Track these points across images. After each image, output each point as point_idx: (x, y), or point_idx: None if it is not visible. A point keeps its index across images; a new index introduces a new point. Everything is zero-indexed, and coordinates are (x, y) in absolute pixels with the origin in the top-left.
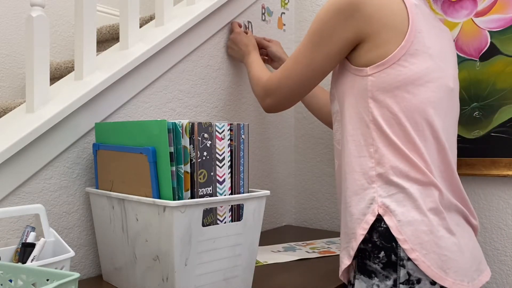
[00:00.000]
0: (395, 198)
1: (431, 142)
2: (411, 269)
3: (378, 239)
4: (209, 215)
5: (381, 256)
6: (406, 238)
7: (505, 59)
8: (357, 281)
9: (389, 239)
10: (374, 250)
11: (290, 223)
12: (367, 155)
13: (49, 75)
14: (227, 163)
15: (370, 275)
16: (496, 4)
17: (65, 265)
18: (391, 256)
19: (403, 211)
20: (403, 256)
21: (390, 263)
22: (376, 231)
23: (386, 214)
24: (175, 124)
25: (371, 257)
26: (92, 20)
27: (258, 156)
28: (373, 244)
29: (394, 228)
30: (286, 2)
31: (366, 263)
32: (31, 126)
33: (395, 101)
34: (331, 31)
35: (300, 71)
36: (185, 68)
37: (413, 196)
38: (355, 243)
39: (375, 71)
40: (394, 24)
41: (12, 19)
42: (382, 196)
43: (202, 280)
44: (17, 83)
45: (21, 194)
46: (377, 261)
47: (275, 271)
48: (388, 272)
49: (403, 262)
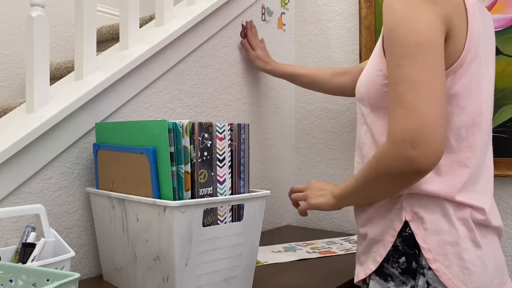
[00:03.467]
0: (424, 204)
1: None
2: (430, 279)
3: (401, 244)
4: (210, 215)
5: (401, 261)
6: (430, 248)
7: (505, 59)
8: (372, 281)
9: (412, 246)
10: (395, 254)
11: (290, 223)
12: None
13: (49, 75)
14: (228, 163)
15: (386, 278)
16: (496, 4)
17: (65, 265)
18: (411, 263)
19: (432, 219)
20: (424, 264)
21: (409, 269)
22: (400, 236)
23: (413, 220)
24: (176, 124)
25: (389, 261)
26: (92, 20)
27: (258, 156)
28: (394, 248)
29: (420, 236)
30: (286, 2)
31: (383, 266)
32: (31, 126)
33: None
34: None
35: (433, 83)
36: (185, 68)
37: (442, 203)
38: (384, 250)
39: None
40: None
41: (12, 19)
42: (410, 202)
43: (202, 280)
44: (17, 83)
45: (21, 194)
46: (396, 265)
47: (275, 271)
48: (406, 278)
49: (423, 271)
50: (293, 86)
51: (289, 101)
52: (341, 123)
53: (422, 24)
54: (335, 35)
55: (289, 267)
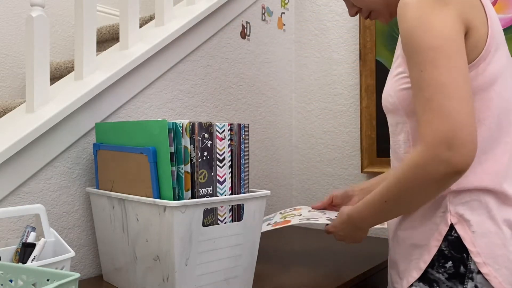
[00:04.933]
0: (469, 205)
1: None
2: (479, 283)
3: (447, 248)
4: (210, 215)
5: (448, 266)
6: (479, 251)
7: None
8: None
9: (459, 250)
10: (440, 259)
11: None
12: None
13: (49, 75)
14: (228, 163)
15: (432, 284)
16: (496, 4)
17: (65, 265)
18: (459, 267)
19: (478, 221)
20: (473, 268)
21: (457, 274)
22: (445, 240)
23: (459, 223)
24: (176, 124)
25: (435, 266)
26: (92, 20)
27: (258, 156)
28: (439, 252)
29: (468, 239)
30: (286, 2)
31: (428, 271)
32: (31, 126)
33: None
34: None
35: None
36: (185, 68)
37: (488, 205)
38: (428, 256)
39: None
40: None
41: (12, 19)
42: (454, 204)
43: (202, 280)
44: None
45: (21, 194)
46: (442, 270)
47: (275, 271)
48: (453, 283)
49: (472, 275)
50: (293, 86)
51: (289, 101)
52: (341, 123)
53: (436, 26)
54: (335, 35)
55: (289, 267)
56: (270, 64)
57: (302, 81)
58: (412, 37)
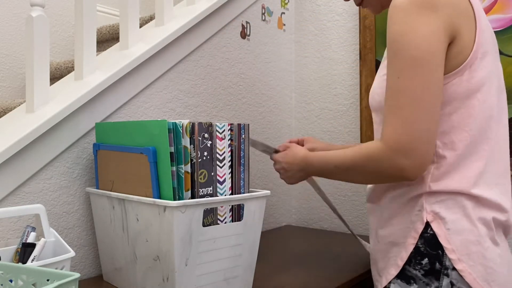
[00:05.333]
0: (444, 204)
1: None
2: (455, 279)
3: (423, 245)
4: (210, 215)
5: (424, 262)
6: (454, 248)
7: (505, 59)
8: (393, 285)
9: (435, 247)
10: (417, 256)
11: (290, 223)
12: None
13: (49, 75)
14: (228, 163)
15: (409, 280)
16: (496, 4)
17: (65, 265)
18: (435, 264)
19: (453, 219)
20: (448, 265)
21: (433, 270)
22: (421, 237)
23: (434, 221)
24: (176, 124)
25: (412, 263)
26: (92, 20)
27: (258, 156)
28: (416, 249)
29: (443, 237)
30: (286, 2)
31: (405, 268)
32: (31, 126)
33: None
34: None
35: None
36: (185, 68)
37: (463, 204)
38: (405, 253)
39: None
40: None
41: (12, 19)
42: (430, 203)
43: (202, 280)
44: (17, 83)
45: (21, 194)
46: (418, 267)
47: (275, 271)
48: (429, 280)
49: (447, 271)
50: (293, 86)
51: (289, 101)
52: (341, 123)
53: (420, 36)
54: (335, 35)
55: (288, 267)
56: (270, 64)
57: (302, 81)
58: (395, 42)
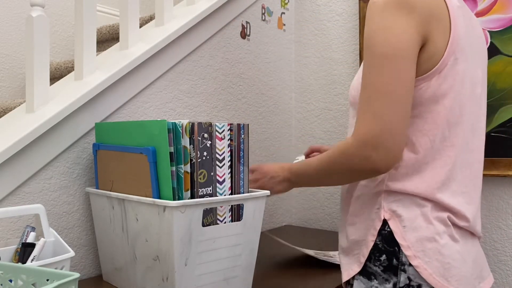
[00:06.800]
0: (402, 203)
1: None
2: (412, 275)
3: (381, 242)
4: (209, 215)
5: (382, 259)
6: (409, 245)
7: (505, 59)
8: (356, 281)
9: (391, 243)
10: (376, 253)
11: (290, 223)
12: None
13: (49, 75)
14: (227, 163)
15: (370, 277)
16: (496, 4)
17: (65, 265)
18: (392, 260)
19: (410, 217)
20: (404, 261)
21: (391, 266)
22: (379, 234)
23: (391, 219)
24: (175, 124)
25: (371, 259)
26: (92, 20)
27: (258, 156)
28: (375, 246)
29: (398, 234)
30: (286, 2)
31: (366, 265)
32: (31, 126)
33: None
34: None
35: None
36: (185, 68)
37: (420, 202)
38: (366, 250)
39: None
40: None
41: (12, 19)
42: (388, 201)
43: (202, 280)
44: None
45: (21, 194)
46: (377, 263)
47: (275, 271)
48: (388, 275)
49: (404, 267)
50: (293, 86)
51: (289, 101)
52: (341, 123)
53: (394, 35)
54: (335, 35)
55: (288, 267)
56: (270, 64)
57: (302, 81)
58: (370, 39)
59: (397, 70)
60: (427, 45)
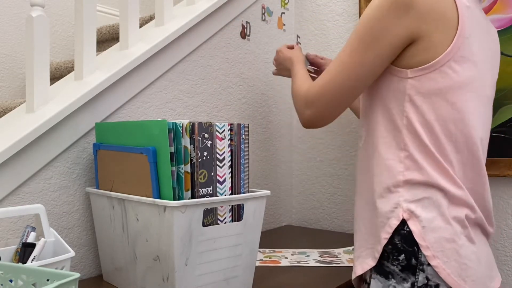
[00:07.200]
0: (421, 203)
1: (465, 154)
2: (430, 275)
3: (400, 242)
4: (210, 215)
5: (401, 258)
6: (428, 245)
7: (505, 59)
8: (373, 280)
9: (411, 243)
10: (394, 252)
11: (290, 223)
12: (397, 159)
13: (49, 75)
14: (228, 163)
15: (387, 276)
16: (496, 4)
17: (65, 265)
18: (411, 260)
19: (428, 218)
20: (423, 261)
21: (409, 266)
22: (398, 234)
23: (410, 219)
24: (176, 124)
25: (389, 259)
26: (92, 20)
27: (258, 156)
28: (393, 246)
29: (418, 234)
30: (286, 2)
31: (384, 264)
32: (31, 126)
33: (432, 107)
34: (384, 29)
35: (347, 75)
36: (185, 68)
37: (439, 203)
38: (380, 246)
39: (416, 75)
40: (445, 27)
41: (12, 19)
42: (407, 201)
43: (202, 280)
44: (17, 83)
45: (21, 194)
46: (396, 263)
47: (275, 271)
48: (406, 275)
49: (423, 267)
50: None
51: (289, 101)
52: (341, 123)
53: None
54: (335, 35)
55: (289, 267)
56: (270, 64)
57: None
58: (361, 21)
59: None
60: (420, 41)
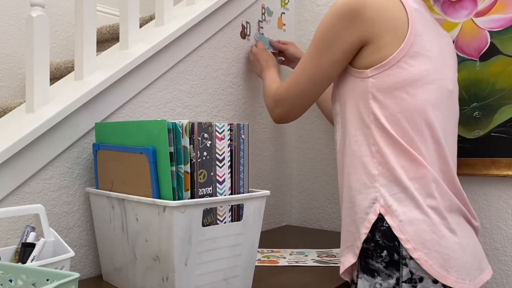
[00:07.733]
0: (396, 197)
1: (430, 142)
2: (413, 268)
3: (381, 238)
4: (209, 215)
5: (384, 255)
6: (408, 238)
7: (505, 59)
8: (360, 280)
9: (391, 238)
10: (377, 249)
11: (290, 223)
12: (369, 155)
13: (49, 75)
14: (227, 163)
15: (373, 274)
16: (496, 4)
17: (65, 265)
18: (393, 255)
19: (404, 211)
20: (405, 255)
21: (392, 262)
22: (378, 231)
23: (387, 214)
24: (175, 124)
25: (373, 256)
26: (92, 20)
27: (258, 156)
28: (375, 243)
29: (396, 228)
30: (286, 2)
31: (369, 262)
32: (31, 126)
33: (394, 101)
34: (336, 37)
35: (307, 78)
36: (185, 68)
37: (414, 195)
38: (359, 242)
39: (375, 73)
40: (395, 27)
41: (12, 19)
42: (384, 196)
43: (202, 280)
44: (17, 83)
45: (21, 194)
46: (379, 260)
47: (275, 271)
48: (390, 271)
49: (405, 261)
50: None
51: None
52: None
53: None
54: None
55: (288, 267)
56: None
57: None
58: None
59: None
60: (372, 42)
